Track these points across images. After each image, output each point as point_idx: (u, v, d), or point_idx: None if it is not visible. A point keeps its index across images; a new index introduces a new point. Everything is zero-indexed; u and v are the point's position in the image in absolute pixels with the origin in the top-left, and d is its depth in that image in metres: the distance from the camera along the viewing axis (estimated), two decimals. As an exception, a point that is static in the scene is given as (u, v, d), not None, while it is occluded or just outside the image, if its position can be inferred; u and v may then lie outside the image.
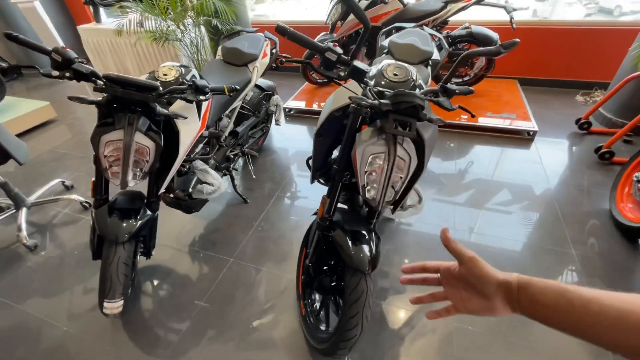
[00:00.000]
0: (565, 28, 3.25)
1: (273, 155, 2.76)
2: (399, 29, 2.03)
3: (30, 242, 1.96)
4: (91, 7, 4.46)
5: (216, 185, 1.67)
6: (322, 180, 1.42)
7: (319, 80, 3.56)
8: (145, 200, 1.47)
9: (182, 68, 1.47)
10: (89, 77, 1.17)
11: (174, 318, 1.57)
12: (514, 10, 2.63)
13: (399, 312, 1.54)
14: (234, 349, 1.43)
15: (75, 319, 1.57)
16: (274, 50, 2.17)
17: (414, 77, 1.15)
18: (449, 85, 1.08)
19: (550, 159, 2.48)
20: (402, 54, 1.76)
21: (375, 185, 1.03)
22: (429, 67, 1.78)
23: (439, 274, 0.54)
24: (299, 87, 3.75)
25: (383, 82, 1.10)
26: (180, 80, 1.43)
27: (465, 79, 3.20)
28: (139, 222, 1.37)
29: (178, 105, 1.43)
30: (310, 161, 1.53)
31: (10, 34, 1.11)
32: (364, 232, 1.18)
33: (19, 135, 3.22)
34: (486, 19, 3.41)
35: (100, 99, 1.20)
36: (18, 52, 4.73)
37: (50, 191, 2.37)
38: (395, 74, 1.14)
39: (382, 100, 0.96)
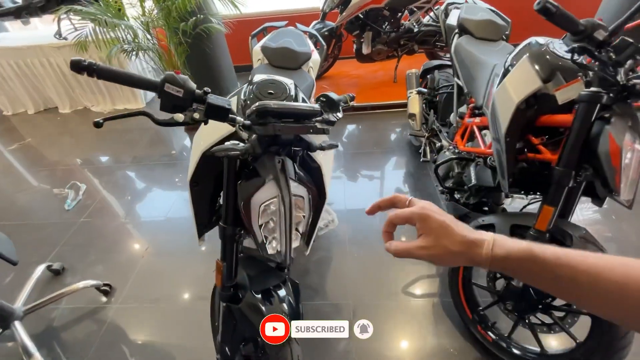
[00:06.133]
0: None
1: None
2: (450, 3, 1.87)
3: (53, 367, 1.34)
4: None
5: (329, 219, 1.33)
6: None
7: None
8: (275, 266, 1.09)
9: (286, 82, 1.08)
10: (228, 113, 0.74)
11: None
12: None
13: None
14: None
15: None
16: (317, 47, 1.82)
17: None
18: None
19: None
20: (481, 31, 1.61)
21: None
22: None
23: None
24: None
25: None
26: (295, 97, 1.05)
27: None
28: (299, 303, 1.00)
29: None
30: None
31: (86, 64, 0.63)
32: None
33: None
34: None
35: (245, 145, 0.78)
36: None
37: (39, 284, 1.67)
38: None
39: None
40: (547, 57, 1.04)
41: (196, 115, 0.72)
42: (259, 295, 0.95)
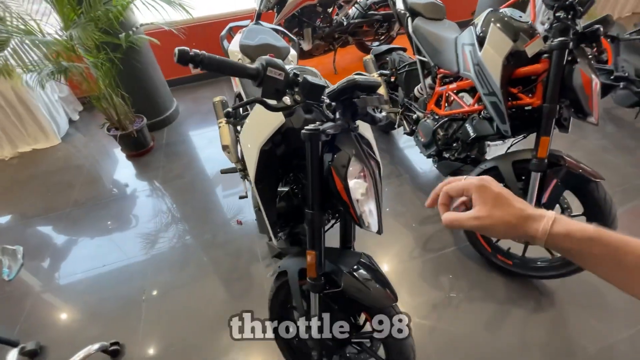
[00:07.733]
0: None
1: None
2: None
3: None
4: None
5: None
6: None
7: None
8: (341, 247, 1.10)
9: (312, 68, 1.10)
10: (322, 91, 0.75)
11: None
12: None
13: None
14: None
15: None
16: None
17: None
18: None
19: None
20: (430, 12, 1.86)
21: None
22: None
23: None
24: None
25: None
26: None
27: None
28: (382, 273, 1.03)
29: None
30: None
31: (192, 55, 0.57)
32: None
33: None
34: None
35: (336, 123, 0.79)
36: None
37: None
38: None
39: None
40: (508, 21, 1.29)
41: (297, 97, 0.71)
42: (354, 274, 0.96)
